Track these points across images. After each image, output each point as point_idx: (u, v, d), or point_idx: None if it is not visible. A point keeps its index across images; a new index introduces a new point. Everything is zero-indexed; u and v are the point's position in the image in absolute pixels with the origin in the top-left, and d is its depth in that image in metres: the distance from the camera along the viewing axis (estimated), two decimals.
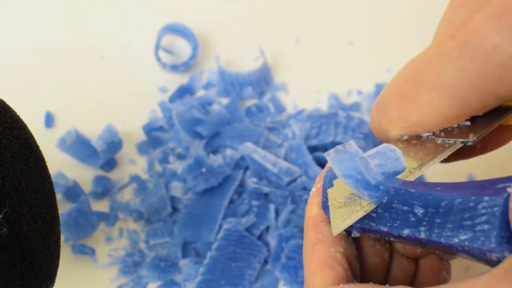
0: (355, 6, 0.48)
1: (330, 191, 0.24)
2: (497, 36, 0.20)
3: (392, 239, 0.23)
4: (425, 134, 0.23)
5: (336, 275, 0.22)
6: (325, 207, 0.24)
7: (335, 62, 0.46)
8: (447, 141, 0.23)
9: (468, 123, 0.23)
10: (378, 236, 0.24)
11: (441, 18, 0.24)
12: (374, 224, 0.22)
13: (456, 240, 0.19)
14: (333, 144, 0.39)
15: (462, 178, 0.41)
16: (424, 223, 0.21)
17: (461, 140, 0.23)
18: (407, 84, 0.23)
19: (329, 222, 0.24)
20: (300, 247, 0.36)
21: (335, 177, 0.24)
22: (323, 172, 0.26)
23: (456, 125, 0.23)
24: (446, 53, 0.21)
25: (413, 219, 0.21)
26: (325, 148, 0.40)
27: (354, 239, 0.25)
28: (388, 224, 0.22)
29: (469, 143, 0.23)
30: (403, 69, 0.24)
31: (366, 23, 0.48)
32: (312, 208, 0.25)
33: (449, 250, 0.20)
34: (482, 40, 0.20)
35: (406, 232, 0.21)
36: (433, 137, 0.23)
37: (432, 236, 0.20)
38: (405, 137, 0.24)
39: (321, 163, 0.39)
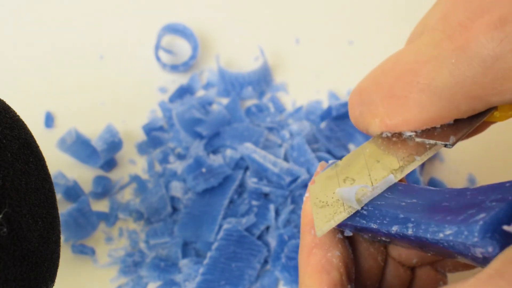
0: (355, 6, 0.48)
1: (311, 187, 0.24)
2: (498, 47, 0.19)
3: (384, 240, 0.23)
4: (408, 133, 0.23)
5: (332, 280, 0.22)
6: None
7: (335, 62, 0.46)
8: (428, 142, 0.23)
9: (451, 122, 0.23)
10: (370, 236, 0.24)
11: (431, 8, 0.23)
12: (364, 222, 0.22)
13: (441, 235, 0.19)
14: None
15: (462, 177, 0.41)
16: (412, 219, 0.21)
17: (442, 142, 0.23)
18: (397, 82, 0.23)
19: None
20: None
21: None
22: (314, 176, 0.26)
23: (439, 126, 0.23)
24: (442, 55, 0.21)
25: (401, 215, 0.21)
26: None
27: (350, 242, 0.25)
28: (378, 222, 0.22)
29: (448, 146, 0.23)
30: (392, 63, 0.24)
31: (366, 23, 0.48)
32: (308, 212, 0.25)
33: (438, 249, 0.20)
34: (482, 49, 0.20)
35: (395, 229, 0.21)
36: (414, 136, 0.23)
37: (419, 232, 0.20)
38: (386, 134, 0.24)
39: (318, 158, 0.39)
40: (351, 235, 0.24)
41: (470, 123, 0.23)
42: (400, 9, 0.48)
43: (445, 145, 0.23)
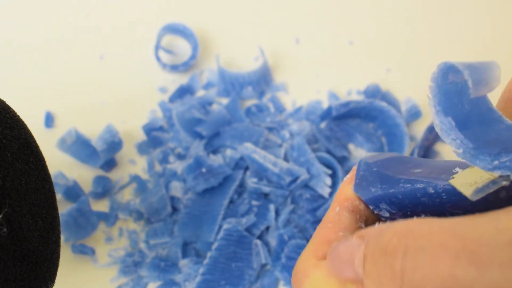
0: (355, 6, 0.48)
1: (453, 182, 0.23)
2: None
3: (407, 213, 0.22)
4: None
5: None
6: (357, 188, 0.24)
7: (335, 62, 0.46)
8: None
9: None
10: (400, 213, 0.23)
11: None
12: (409, 185, 0.21)
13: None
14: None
15: None
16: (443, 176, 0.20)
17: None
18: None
19: (353, 210, 0.24)
20: (300, 247, 0.36)
21: None
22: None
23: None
24: None
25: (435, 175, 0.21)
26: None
27: None
28: (423, 180, 0.21)
29: None
30: None
31: (366, 23, 0.48)
32: (342, 192, 0.25)
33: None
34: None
35: (441, 184, 0.20)
36: None
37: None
38: None
39: (323, 162, 0.39)
40: (388, 216, 0.24)
41: None
42: (400, 9, 0.48)
43: None
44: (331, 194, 0.38)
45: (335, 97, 0.44)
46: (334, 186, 0.38)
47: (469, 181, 0.20)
